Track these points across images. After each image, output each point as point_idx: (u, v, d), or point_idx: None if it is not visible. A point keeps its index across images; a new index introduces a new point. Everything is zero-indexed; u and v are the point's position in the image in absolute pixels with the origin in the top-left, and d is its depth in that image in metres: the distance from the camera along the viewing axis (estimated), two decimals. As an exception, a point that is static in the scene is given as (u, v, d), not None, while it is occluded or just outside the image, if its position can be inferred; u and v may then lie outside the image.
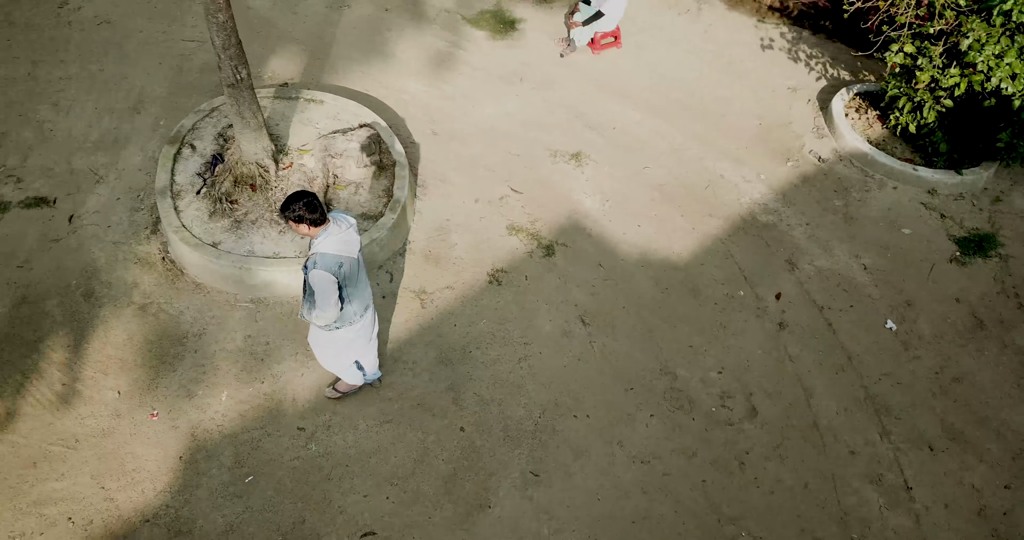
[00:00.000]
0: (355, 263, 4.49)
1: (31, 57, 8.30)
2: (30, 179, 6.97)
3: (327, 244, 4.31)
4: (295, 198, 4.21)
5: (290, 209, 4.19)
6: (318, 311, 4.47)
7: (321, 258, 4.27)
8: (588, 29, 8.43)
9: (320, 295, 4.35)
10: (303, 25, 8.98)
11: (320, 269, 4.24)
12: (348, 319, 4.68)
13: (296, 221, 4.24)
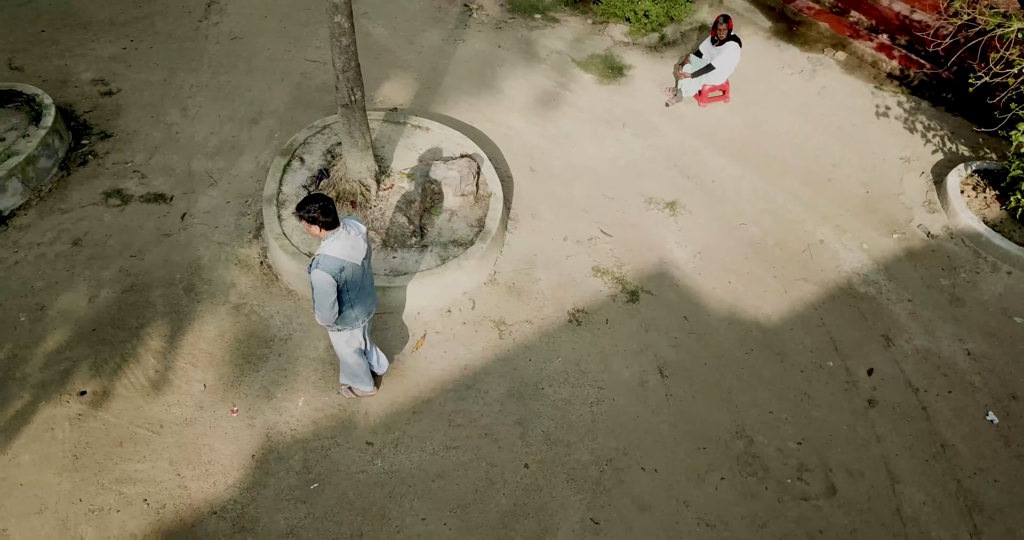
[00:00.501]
0: (359, 269, 4.58)
1: (168, 64, 8.94)
2: (152, 176, 7.44)
3: (333, 247, 4.43)
4: (313, 200, 4.35)
5: (306, 209, 4.34)
6: (316, 310, 4.60)
7: (324, 259, 4.39)
8: (697, 81, 8.44)
9: (318, 295, 4.46)
10: (418, 55, 9.36)
11: (320, 269, 4.36)
12: (350, 323, 4.81)
13: (309, 221, 4.38)
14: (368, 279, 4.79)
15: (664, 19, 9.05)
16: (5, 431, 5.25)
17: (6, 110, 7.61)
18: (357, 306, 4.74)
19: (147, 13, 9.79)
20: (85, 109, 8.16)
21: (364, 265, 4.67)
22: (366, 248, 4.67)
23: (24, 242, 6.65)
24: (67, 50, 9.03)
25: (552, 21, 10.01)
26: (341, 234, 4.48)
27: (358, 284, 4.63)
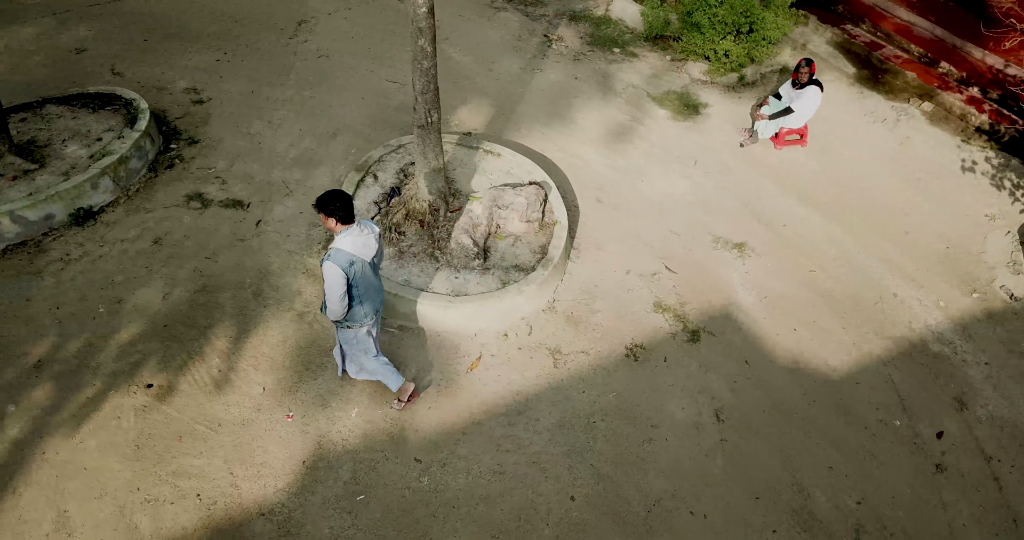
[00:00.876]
0: (367, 266, 4.79)
1: (257, 77, 9.33)
2: (232, 182, 7.73)
3: (345, 242, 4.66)
4: (336, 196, 4.57)
5: (327, 203, 4.55)
6: (327, 303, 4.77)
7: (336, 253, 4.62)
8: (774, 123, 8.34)
9: (329, 287, 4.66)
10: (496, 82, 9.53)
11: (332, 262, 4.58)
12: (358, 320, 5.01)
13: (327, 214, 4.59)
14: (376, 278, 5.01)
15: (744, 60, 9.01)
16: (75, 416, 5.46)
17: (106, 112, 8.06)
18: (365, 303, 4.94)
19: (242, 29, 10.28)
20: (176, 115, 8.57)
21: (374, 263, 4.89)
22: (377, 248, 4.87)
23: (110, 237, 6.97)
24: (165, 59, 9.53)
25: (631, 56, 10.07)
26: (354, 231, 4.71)
27: (366, 281, 4.84)
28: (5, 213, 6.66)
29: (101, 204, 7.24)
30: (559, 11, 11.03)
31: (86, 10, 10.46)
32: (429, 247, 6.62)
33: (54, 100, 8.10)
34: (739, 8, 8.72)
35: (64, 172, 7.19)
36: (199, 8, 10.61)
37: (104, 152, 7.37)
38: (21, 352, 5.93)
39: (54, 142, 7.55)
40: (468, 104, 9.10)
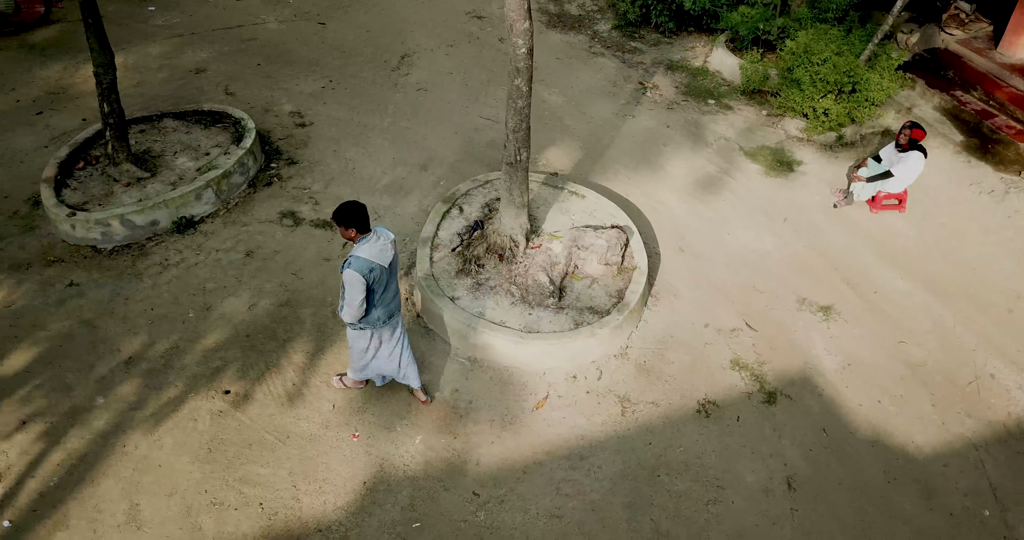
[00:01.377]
0: (385, 271, 4.98)
1: (358, 106, 9.73)
2: (324, 203, 8.03)
3: (364, 250, 4.85)
4: (354, 208, 4.81)
5: (345, 214, 4.79)
6: (345, 307, 4.99)
7: (355, 260, 4.82)
8: (872, 186, 8.08)
9: (348, 292, 4.88)
10: (587, 125, 9.63)
11: (352, 269, 4.79)
12: (372, 323, 5.19)
13: (346, 225, 4.82)
14: (393, 284, 5.17)
15: (844, 120, 8.81)
16: (156, 414, 5.69)
17: (216, 129, 8.55)
18: (380, 307, 5.13)
19: (349, 59, 10.78)
20: (279, 136, 9.01)
21: (390, 270, 5.05)
22: (393, 255, 5.05)
23: (206, 247, 7.33)
24: (275, 83, 10.07)
25: (725, 108, 10.01)
26: (371, 238, 4.92)
27: (383, 285, 5.03)
28: (116, 217, 7.10)
29: (202, 214, 7.63)
30: (656, 60, 11.11)
31: (210, 34, 11.20)
32: (506, 282, 6.66)
33: (171, 115, 8.66)
34: (842, 68, 8.56)
35: (172, 182, 7.64)
36: (311, 38, 11.21)
37: (210, 166, 7.80)
38: (114, 348, 6.25)
39: (166, 153, 8.05)
40: (557, 145, 9.21)
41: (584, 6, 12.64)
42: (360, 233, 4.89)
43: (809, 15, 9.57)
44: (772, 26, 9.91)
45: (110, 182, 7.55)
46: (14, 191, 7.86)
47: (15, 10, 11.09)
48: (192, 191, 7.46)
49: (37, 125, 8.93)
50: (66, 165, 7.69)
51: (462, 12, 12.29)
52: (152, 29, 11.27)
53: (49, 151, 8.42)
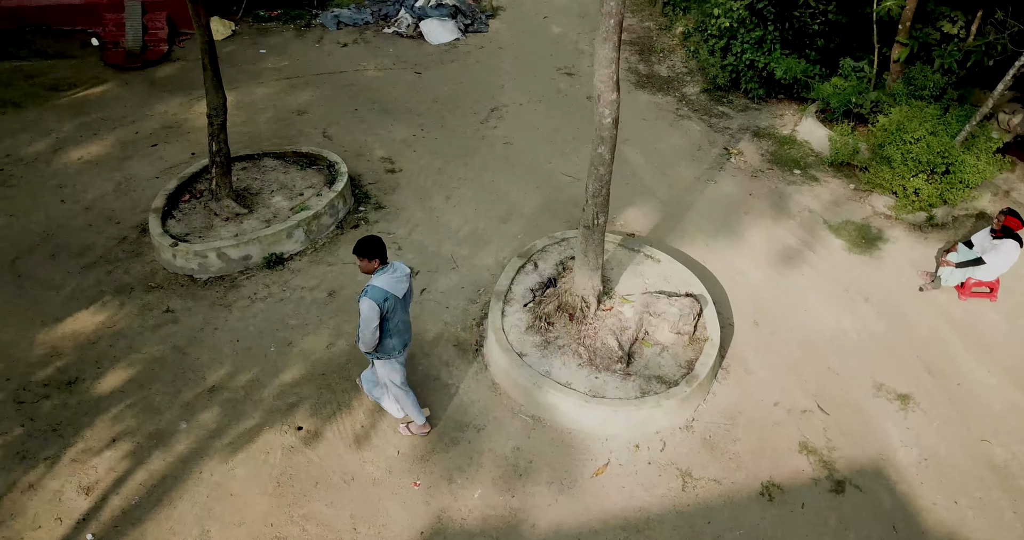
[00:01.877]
0: (399, 302, 5.31)
1: (446, 155, 10.10)
2: (407, 249, 8.33)
3: (382, 280, 5.21)
4: (375, 241, 5.22)
5: (366, 247, 5.19)
6: (360, 335, 5.29)
7: (372, 289, 5.15)
8: (961, 272, 7.82)
9: (363, 320, 5.18)
10: (668, 187, 9.70)
11: (368, 298, 5.12)
12: (388, 352, 5.49)
13: (368, 257, 5.20)
14: (406, 315, 5.51)
15: (936, 201, 8.58)
16: (232, 444, 5.97)
17: (312, 170, 9.03)
18: (395, 337, 5.43)
19: (441, 109, 11.23)
20: (370, 180, 9.43)
21: (405, 300, 5.38)
22: (407, 287, 5.37)
23: (292, 284, 7.70)
24: (369, 128, 10.58)
25: (811, 179, 9.92)
26: (389, 270, 5.29)
27: (397, 316, 5.35)
28: (213, 250, 7.56)
29: (291, 252, 8.03)
30: (743, 126, 11.13)
31: (313, 78, 11.90)
32: (574, 342, 6.73)
33: (271, 154, 9.21)
34: (936, 148, 8.39)
35: (267, 219, 8.10)
36: (407, 87, 11.75)
37: (302, 207, 8.23)
38: (200, 375, 6.61)
39: (264, 192, 8.54)
40: (637, 205, 9.30)
41: (674, 67, 12.82)
42: (380, 264, 5.27)
43: (904, 91, 9.44)
44: (865, 100, 9.82)
45: (211, 216, 8.06)
46: (126, 218, 8.48)
47: (142, 48, 12.09)
48: (284, 230, 7.88)
49: (152, 156, 9.65)
50: (173, 197, 8.26)
51: (553, 68, 12.66)
52: (262, 71, 12.06)
53: (160, 182, 9.07)
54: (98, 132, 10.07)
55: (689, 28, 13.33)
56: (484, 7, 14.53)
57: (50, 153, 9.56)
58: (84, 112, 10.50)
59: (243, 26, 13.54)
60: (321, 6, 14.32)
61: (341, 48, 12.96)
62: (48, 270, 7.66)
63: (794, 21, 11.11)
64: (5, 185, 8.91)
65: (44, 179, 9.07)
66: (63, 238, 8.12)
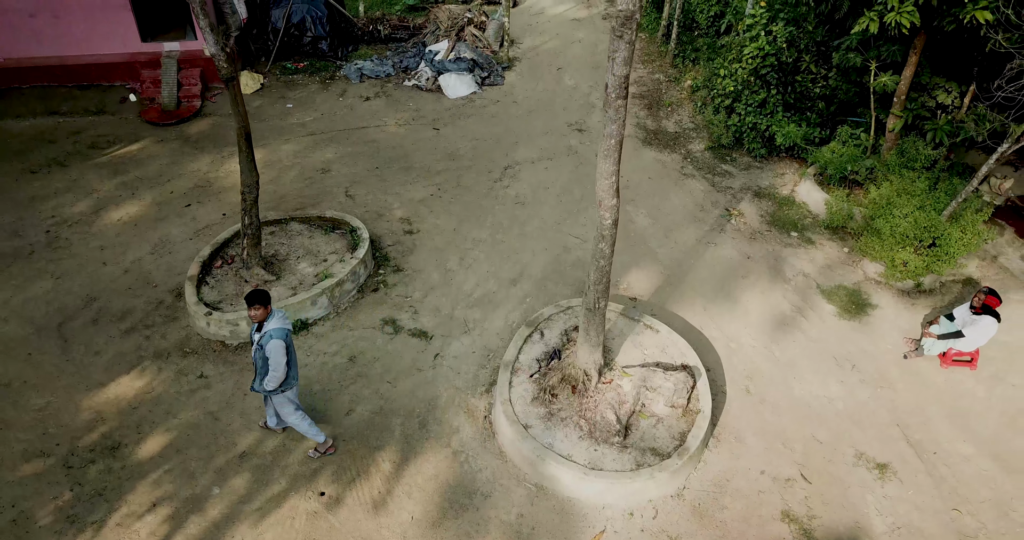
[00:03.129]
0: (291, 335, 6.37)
1: (461, 216, 10.71)
2: (423, 313, 8.93)
3: (277, 321, 6.24)
4: (261, 294, 6.15)
5: (264, 296, 6.15)
6: (272, 374, 6.23)
7: (276, 331, 6.16)
8: (943, 343, 8.28)
9: (275, 359, 6.14)
10: (669, 250, 10.23)
11: (276, 339, 6.12)
12: (289, 382, 6.48)
13: (265, 306, 6.15)
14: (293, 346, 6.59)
15: (923, 271, 9.06)
16: (261, 509, 6.58)
17: (336, 235, 9.68)
18: (293, 367, 6.45)
19: (457, 167, 11.86)
20: (389, 243, 10.06)
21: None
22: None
23: (316, 349, 8.32)
24: (389, 187, 11.23)
25: (807, 242, 10.41)
26: (277, 313, 6.29)
27: (292, 348, 6.37)
28: (244, 318, 8.20)
29: (315, 318, 8.66)
30: (745, 185, 11.64)
31: (336, 134, 12.58)
32: (576, 415, 7.28)
33: (297, 219, 9.87)
34: (923, 223, 8.87)
35: (293, 286, 8.73)
36: (425, 144, 12.40)
37: (326, 274, 8.86)
38: (232, 441, 7.23)
39: (291, 258, 9.19)
40: (639, 267, 9.84)
41: (681, 123, 13.37)
42: (268, 310, 6.21)
43: (897, 162, 9.92)
44: (861, 167, 10.32)
45: (242, 283, 8.71)
46: (162, 281, 9.17)
47: (176, 104, 12.85)
48: (309, 298, 8.51)
49: (185, 216, 10.35)
50: (207, 262, 8.93)
51: (565, 123, 13.26)
52: (289, 126, 12.77)
53: (193, 243, 9.76)
54: (136, 191, 10.80)
55: (697, 82, 13.89)
56: (500, 59, 15.17)
57: (92, 214, 10.29)
58: (123, 171, 11.25)
59: (271, 78, 14.29)
60: (344, 58, 15.04)
61: (363, 102, 13.66)
62: (92, 335, 8.33)
63: (796, 85, 11.64)
64: (52, 247, 9.63)
65: (87, 240, 9.79)
66: (105, 301, 8.80)
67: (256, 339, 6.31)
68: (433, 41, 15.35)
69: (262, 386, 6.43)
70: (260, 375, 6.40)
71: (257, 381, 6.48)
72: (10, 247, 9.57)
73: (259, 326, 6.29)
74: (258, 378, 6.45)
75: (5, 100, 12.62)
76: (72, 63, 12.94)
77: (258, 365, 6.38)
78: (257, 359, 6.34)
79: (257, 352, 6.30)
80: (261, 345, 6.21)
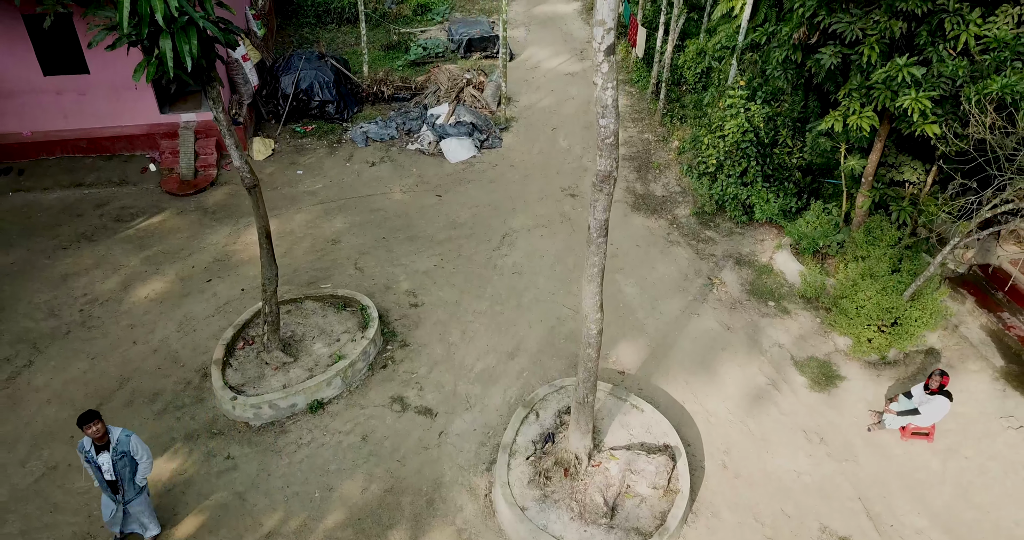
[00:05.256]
0: None
1: (462, 287, 11.54)
2: (428, 389, 9.76)
3: (114, 430, 6.99)
4: (95, 416, 6.80)
5: (90, 417, 6.79)
6: (145, 465, 7.17)
7: (123, 431, 7.04)
8: (902, 419, 9.09)
9: (142, 447, 7.10)
10: (655, 320, 11.05)
11: (135, 435, 7.05)
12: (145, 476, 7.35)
13: (96, 422, 6.79)
14: None
15: (886, 348, 9.88)
16: (287, 592, 7.41)
17: (347, 313, 10.51)
18: None
19: (459, 235, 12.68)
20: (396, 317, 10.89)
21: None
22: None
23: (331, 428, 9.15)
24: (396, 259, 12.05)
25: (783, 311, 11.22)
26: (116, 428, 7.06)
27: None
28: (266, 402, 9.03)
29: (329, 397, 9.49)
30: (727, 252, 12.46)
31: (345, 202, 13.42)
32: (567, 497, 8.10)
33: (312, 298, 10.70)
34: (885, 305, 9.69)
35: (309, 368, 9.56)
36: (428, 211, 13.22)
37: (339, 355, 9.69)
38: (258, 521, 8.06)
39: (306, 338, 10.02)
40: (628, 340, 10.66)
41: (668, 186, 14.20)
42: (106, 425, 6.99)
43: (865, 240, 10.75)
44: (832, 242, 11.15)
45: (262, 365, 9.54)
46: (189, 359, 10.00)
47: (194, 174, 13.69)
48: (325, 380, 9.34)
49: (207, 292, 11.18)
50: (229, 344, 9.75)
51: (558, 188, 14.09)
52: (299, 194, 13.60)
53: (215, 320, 10.60)
54: (160, 267, 11.63)
55: (684, 144, 14.73)
56: (498, 119, 16.00)
57: (121, 291, 11.12)
58: (147, 245, 12.08)
59: (281, 143, 15.13)
60: (350, 119, 15.88)
61: (370, 167, 14.49)
62: (128, 416, 9.16)
63: (774, 157, 12.46)
64: (86, 326, 10.47)
65: (118, 318, 10.62)
66: (137, 382, 9.63)
67: (107, 458, 6.93)
68: (435, 101, 16.18)
69: (143, 478, 7.24)
70: (128, 479, 7.11)
71: (128, 487, 7.15)
72: (48, 327, 10.40)
73: (102, 442, 6.92)
74: (126, 484, 7.11)
75: (34, 173, 13.46)
76: (96, 135, 13.78)
77: (122, 475, 7.04)
78: (118, 469, 6.99)
79: (118, 461, 6.95)
80: (123, 451, 6.97)
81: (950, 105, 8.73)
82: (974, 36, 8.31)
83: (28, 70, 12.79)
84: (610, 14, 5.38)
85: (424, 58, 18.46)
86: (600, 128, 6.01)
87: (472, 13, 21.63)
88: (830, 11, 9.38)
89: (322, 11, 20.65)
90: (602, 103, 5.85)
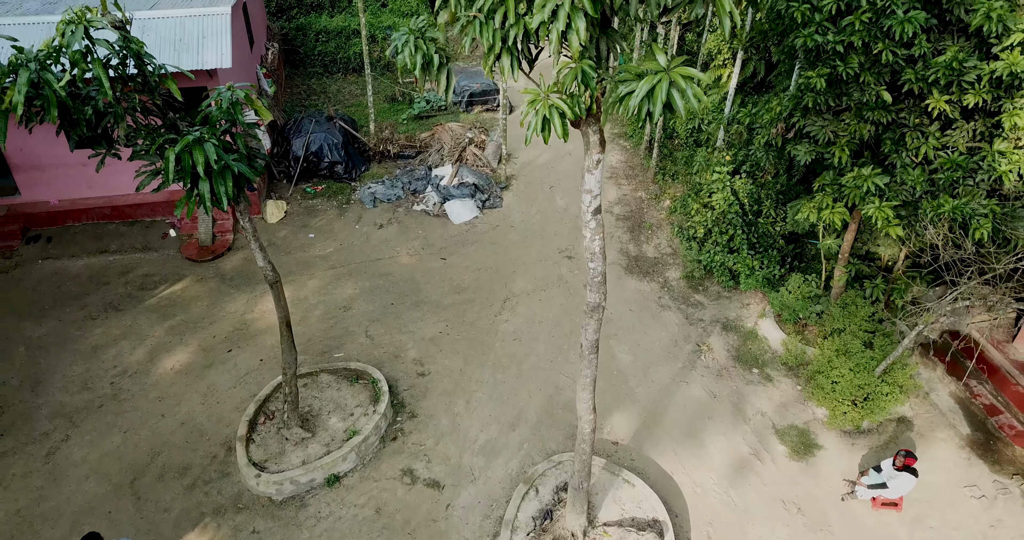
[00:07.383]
0: None
1: (466, 354, 12.33)
2: (435, 462, 10.55)
3: None
4: (95, 535, 7.68)
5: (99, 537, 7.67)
6: None
7: None
8: (872, 491, 9.88)
9: None
10: (647, 388, 11.84)
11: None
12: None
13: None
14: None
15: (859, 422, 10.67)
16: None
17: (360, 385, 11.31)
18: None
19: (463, 300, 13.48)
20: (404, 387, 11.68)
21: None
22: None
23: (347, 501, 9.94)
24: (404, 326, 12.85)
25: (767, 379, 12.01)
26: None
27: None
28: (288, 478, 9.83)
29: (345, 471, 10.28)
30: (715, 317, 13.26)
31: (354, 267, 14.22)
32: (564, 573, 8.90)
33: (327, 371, 11.50)
34: (857, 382, 10.48)
35: (326, 443, 10.36)
36: (434, 275, 14.02)
37: (354, 431, 10.48)
38: (283, 597, 8.86)
39: (323, 413, 10.82)
40: (621, 409, 11.45)
41: (660, 247, 15.00)
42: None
43: (841, 314, 11.54)
44: (811, 313, 11.94)
45: (283, 441, 10.34)
46: (213, 432, 10.80)
47: (212, 240, 14.50)
48: (341, 455, 10.13)
49: (228, 363, 11.98)
50: (252, 418, 10.55)
51: (556, 250, 14.89)
52: (311, 259, 14.41)
53: (237, 391, 11.39)
54: (183, 337, 12.43)
55: (675, 204, 15.53)
56: (499, 178, 16.81)
57: (148, 362, 11.92)
58: (170, 314, 12.88)
59: (293, 204, 15.94)
60: (358, 178, 16.69)
61: (378, 229, 15.30)
62: (160, 491, 9.96)
63: (758, 226, 13.26)
64: (117, 399, 11.27)
65: (146, 391, 11.42)
66: (167, 457, 10.43)
67: None
68: (439, 160, 16.99)
69: None
70: None
71: None
72: (82, 401, 11.21)
73: None
74: None
75: (61, 240, 14.29)
76: (119, 203, 14.60)
77: None
78: None
79: None
80: None
81: (912, 209, 9.52)
82: (932, 148, 9.10)
83: (59, 146, 13.61)
84: (596, 185, 6.18)
85: (428, 112, 19.27)
86: (590, 269, 6.82)
87: (472, 61, 22.44)
88: (804, 113, 10.18)
89: (328, 61, 21.48)
90: (591, 251, 6.65)
